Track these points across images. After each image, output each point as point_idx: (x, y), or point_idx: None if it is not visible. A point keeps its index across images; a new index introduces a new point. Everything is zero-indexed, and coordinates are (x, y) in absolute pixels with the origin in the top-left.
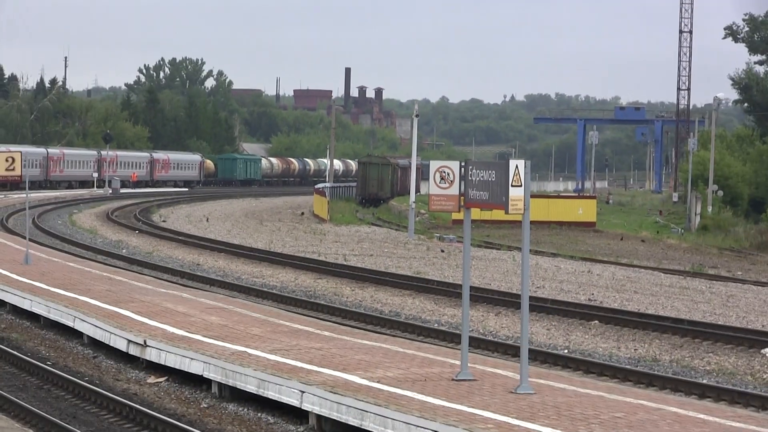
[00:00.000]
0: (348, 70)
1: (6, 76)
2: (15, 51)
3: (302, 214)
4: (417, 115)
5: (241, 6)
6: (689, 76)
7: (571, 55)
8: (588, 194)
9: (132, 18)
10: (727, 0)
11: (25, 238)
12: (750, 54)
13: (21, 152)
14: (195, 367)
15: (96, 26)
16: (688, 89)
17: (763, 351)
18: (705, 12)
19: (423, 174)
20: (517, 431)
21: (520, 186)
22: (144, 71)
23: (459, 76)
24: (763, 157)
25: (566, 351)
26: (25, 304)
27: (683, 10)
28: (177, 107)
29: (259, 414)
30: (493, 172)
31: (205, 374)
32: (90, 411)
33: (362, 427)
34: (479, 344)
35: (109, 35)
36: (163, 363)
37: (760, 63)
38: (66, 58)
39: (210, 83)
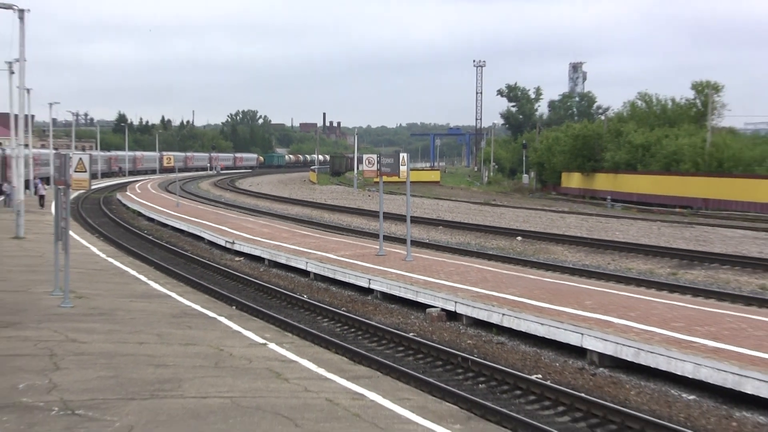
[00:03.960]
0: (324, 114)
1: (166, 120)
2: (172, 107)
3: (304, 181)
4: (357, 134)
5: (272, 78)
6: (481, 111)
7: (429, 105)
8: (435, 168)
9: (227, 85)
10: (499, 73)
11: (176, 194)
12: (509, 102)
13: (173, 155)
14: (257, 253)
15: (206, 93)
16: (481, 118)
17: (517, 238)
18: (489, 81)
19: (360, 161)
20: (406, 277)
21: (404, 165)
22: (230, 117)
23: (374, 111)
24: (515, 150)
25: (427, 240)
26: (178, 225)
27: (478, 82)
28: (245, 133)
29: (288, 273)
30: (392, 159)
31: (262, 256)
32: (209, 274)
33: (335, 277)
34: (387, 239)
35: (214, 98)
36: (242, 251)
37: (513, 107)
38: (193, 111)
39: (261, 121)
